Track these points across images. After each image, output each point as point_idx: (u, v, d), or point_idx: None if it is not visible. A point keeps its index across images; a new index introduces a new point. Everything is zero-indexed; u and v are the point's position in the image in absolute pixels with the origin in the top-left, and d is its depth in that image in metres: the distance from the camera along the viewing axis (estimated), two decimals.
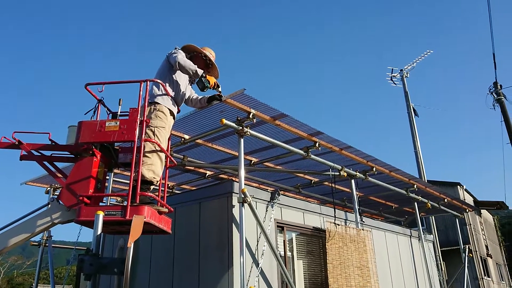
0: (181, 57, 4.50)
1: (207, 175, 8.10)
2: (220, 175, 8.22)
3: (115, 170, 6.14)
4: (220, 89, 4.79)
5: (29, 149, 3.84)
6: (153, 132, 4.14)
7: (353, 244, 6.30)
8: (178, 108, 4.68)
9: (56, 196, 3.79)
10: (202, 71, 4.56)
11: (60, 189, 3.93)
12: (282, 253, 5.71)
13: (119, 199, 8.41)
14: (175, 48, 4.66)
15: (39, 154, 3.92)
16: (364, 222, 7.13)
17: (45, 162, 3.93)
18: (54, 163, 4.01)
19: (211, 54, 4.95)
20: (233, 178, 7.13)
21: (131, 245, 3.09)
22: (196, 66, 4.55)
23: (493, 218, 29.31)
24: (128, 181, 3.65)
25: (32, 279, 35.20)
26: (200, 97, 5.05)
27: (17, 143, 3.81)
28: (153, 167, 3.99)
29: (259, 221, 5.02)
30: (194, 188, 8.60)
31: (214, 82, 4.63)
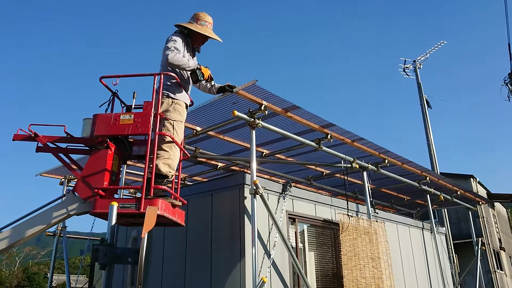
0: (172, 56, 4.07)
1: (218, 166, 8.13)
2: (232, 167, 8.25)
3: (128, 162, 6.19)
4: (213, 82, 4.72)
5: (45, 142, 3.90)
6: (173, 126, 4.11)
7: (367, 236, 6.28)
8: (191, 100, 4.63)
9: (71, 188, 3.86)
10: (196, 64, 4.28)
11: (76, 181, 3.99)
12: (294, 244, 5.74)
13: (132, 191, 8.50)
14: (172, 40, 4.27)
15: (54, 146, 3.98)
16: (377, 213, 7.11)
17: (61, 154, 3.99)
18: (69, 155, 4.07)
19: (206, 21, 4.53)
20: (245, 170, 7.16)
21: (145, 235, 3.13)
22: (187, 61, 4.17)
23: (507, 211, 28.96)
24: (142, 173, 3.69)
25: (47, 268, 35.88)
26: (209, 84, 4.87)
27: (33, 135, 3.88)
28: (170, 161, 4.00)
29: (271, 213, 5.04)
30: (206, 180, 8.64)
31: (208, 75, 4.40)
